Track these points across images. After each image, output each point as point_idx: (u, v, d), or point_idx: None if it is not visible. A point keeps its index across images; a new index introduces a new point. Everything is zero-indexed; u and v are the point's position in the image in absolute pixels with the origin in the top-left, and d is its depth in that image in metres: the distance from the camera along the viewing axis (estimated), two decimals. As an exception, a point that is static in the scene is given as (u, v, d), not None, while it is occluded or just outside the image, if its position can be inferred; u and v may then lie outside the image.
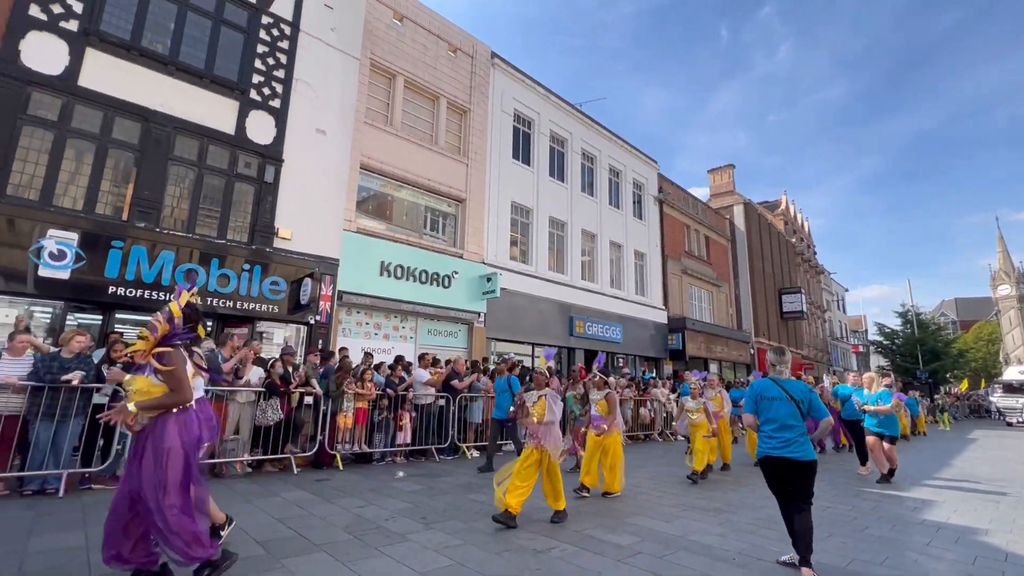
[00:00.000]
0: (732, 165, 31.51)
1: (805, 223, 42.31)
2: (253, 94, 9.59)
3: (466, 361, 10.49)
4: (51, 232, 7.24)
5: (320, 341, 9.66)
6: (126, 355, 2.61)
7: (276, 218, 9.57)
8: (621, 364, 17.25)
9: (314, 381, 7.43)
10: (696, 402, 7.83)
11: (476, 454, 8.92)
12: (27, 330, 6.05)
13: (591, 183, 18.09)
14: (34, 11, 7.56)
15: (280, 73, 9.99)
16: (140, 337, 2.97)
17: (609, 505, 5.61)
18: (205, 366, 3.36)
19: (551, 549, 3.99)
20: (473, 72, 14.16)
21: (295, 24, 10.34)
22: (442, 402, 8.84)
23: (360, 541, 4.00)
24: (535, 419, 4.84)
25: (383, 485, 6.25)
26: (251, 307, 8.99)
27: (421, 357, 9.33)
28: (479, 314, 12.93)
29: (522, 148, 15.64)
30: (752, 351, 25.49)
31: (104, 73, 8.06)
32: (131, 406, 2.79)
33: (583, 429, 6.80)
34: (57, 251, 7.23)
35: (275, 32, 10.05)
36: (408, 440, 8.26)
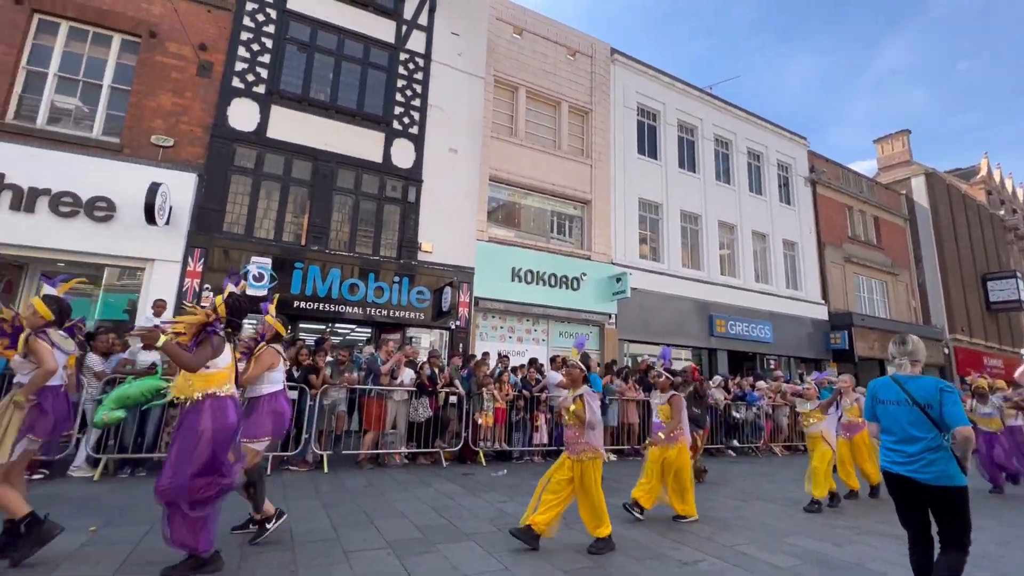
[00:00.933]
0: (906, 131, 26.60)
1: (1018, 191, 33.86)
2: (395, 124, 10.73)
3: (599, 363, 10.42)
4: (253, 258, 8.93)
5: (461, 345, 10.40)
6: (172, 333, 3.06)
7: (419, 233, 10.56)
8: (772, 366, 15.59)
9: (457, 382, 8.03)
10: (811, 404, 6.14)
11: (613, 458, 8.80)
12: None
13: (726, 170, 16.72)
14: (236, 82, 9.41)
15: (417, 102, 11.04)
16: (178, 327, 3.16)
17: (763, 521, 5.12)
18: (276, 361, 3.91)
19: (698, 562, 3.79)
20: (593, 72, 14.08)
21: (427, 55, 11.34)
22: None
23: (503, 534, 4.22)
24: (568, 422, 4.12)
25: (522, 483, 6.51)
26: (401, 315, 10.04)
27: (552, 359, 9.51)
28: (610, 315, 12.76)
29: (647, 142, 15.09)
30: (946, 350, 21.16)
31: (284, 124, 9.71)
32: (162, 339, 2.96)
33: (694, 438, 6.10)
34: (258, 273, 8.87)
35: (411, 66, 11.13)
36: (544, 440, 8.47)
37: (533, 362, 9.37)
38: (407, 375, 7.71)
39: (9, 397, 3.17)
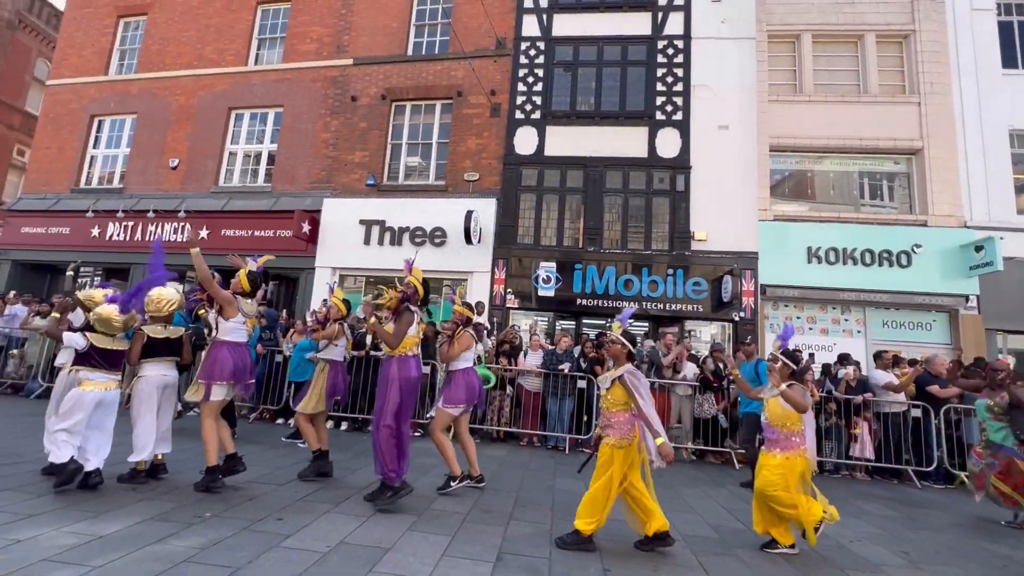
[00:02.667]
0: None
1: None
2: (658, 115, 10.60)
3: (952, 361, 7.89)
4: (542, 264, 10.24)
5: (748, 337, 9.47)
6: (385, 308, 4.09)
7: (691, 222, 10.14)
8: None
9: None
10: (771, 391, 3.81)
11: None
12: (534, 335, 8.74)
13: None
14: (518, 114, 11.00)
15: (679, 87, 10.64)
16: (382, 298, 4.20)
17: None
18: (471, 343, 4.60)
19: None
20: (913, -19, 10.74)
21: (687, 35, 10.79)
22: (917, 412, 6.98)
23: (821, 556, 3.69)
24: (609, 408, 3.53)
25: (842, 501, 5.51)
26: (677, 308, 9.83)
27: (878, 356, 7.70)
28: (966, 297, 9.47)
29: (1021, 49, 10.59)
30: None
31: (557, 141, 10.81)
32: (373, 319, 4.30)
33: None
34: (546, 276, 10.14)
35: (670, 51, 10.80)
36: (868, 454, 6.94)
37: (845, 358, 7.80)
38: (689, 369, 7.52)
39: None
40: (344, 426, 7.50)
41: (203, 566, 2.78)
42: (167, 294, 4.25)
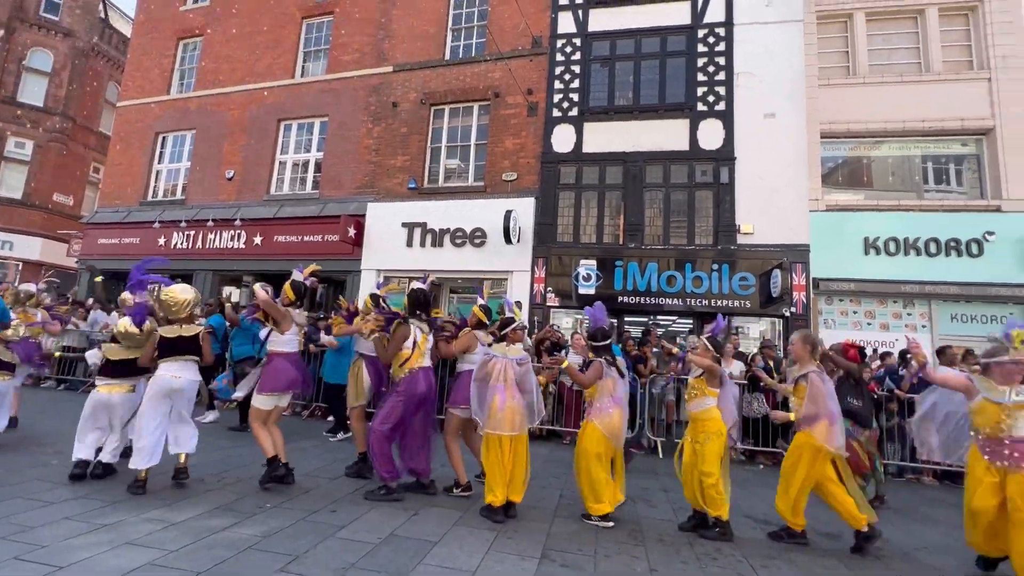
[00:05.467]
0: None
1: None
2: (700, 107, 10.30)
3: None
4: (582, 262, 10.18)
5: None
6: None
7: (736, 215, 9.80)
8: None
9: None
10: (695, 372, 4.08)
11: None
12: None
13: None
14: (555, 112, 10.96)
15: (721, 76, 10.30)
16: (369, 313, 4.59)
17: None
18: (474, 345, 4.51)
19: None
20: (981, -53, 9.95)
21: (728, 22, 10.43)
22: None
23: (883, 563, 3.51)
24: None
25: (907, 507, 5.20)
26: (723, 304, 9.53)
27: (941, 351, 7.19)
28: (1048, 288, 8.71)
29: (1110, 12, 9.60)
30: None
31: (595, 137, 10.70)
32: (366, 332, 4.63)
33: None
34: (586, 275, 10.07)
35: (711, 40, 10.47)
36: (935, 457, 6.49)
37: (905, 354, 7.33)
38: (736, 367, 7.29)
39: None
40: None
41: (266, 553, 2.97)
42: (181, 295, 4.16)
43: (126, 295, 4.73)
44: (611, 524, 3.85)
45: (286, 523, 3.44)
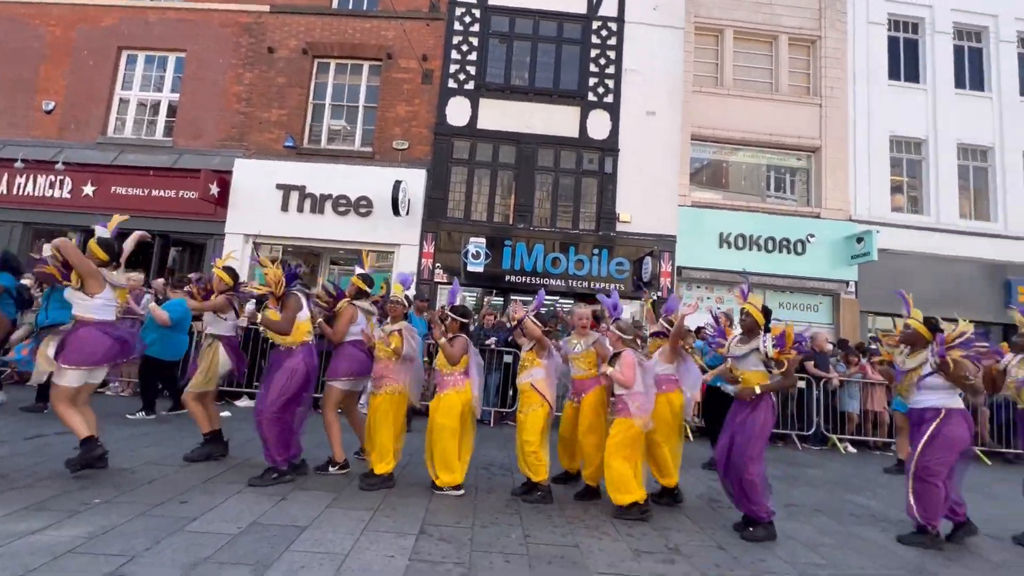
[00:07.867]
0: None
1: None
2: (591, 96, 10.73)
3: (829, 339, 8.93)
4: (471, 239, 10.15)
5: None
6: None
7: (617, 204, 10.49)
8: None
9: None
10: (583, 344, 4.40)
11: (852, 450, 7.55)
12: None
13: (1041, 80, 12.08)
14: (451, 83, 10.64)
15: (611, 69, 10.81)
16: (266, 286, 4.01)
17: None
18: (356, 315, 4.31)
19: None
20: (823, -11, 11.61)
21: (620, 19, 10.94)
22: (802, 384, 7.84)
23: (710, 508, 4.06)
24: (381, 356, 4.11)
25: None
26: (601, 286, 10.17)
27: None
28: (847, 283, 10.72)
29: (905, 63, 11.88)
30: None
31: (490, 114, 10.62)
32: (259, 316, 4.11)
33: None
34: (475, 252, 10.07)
35: (604, 33, 10.91)
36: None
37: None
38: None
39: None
40: (245, 401, 7.04)
41: (91, 556, 2.53)
42: None
43: None
44: (462, 492, 3.94)
45: (119, 520, 2.96)
